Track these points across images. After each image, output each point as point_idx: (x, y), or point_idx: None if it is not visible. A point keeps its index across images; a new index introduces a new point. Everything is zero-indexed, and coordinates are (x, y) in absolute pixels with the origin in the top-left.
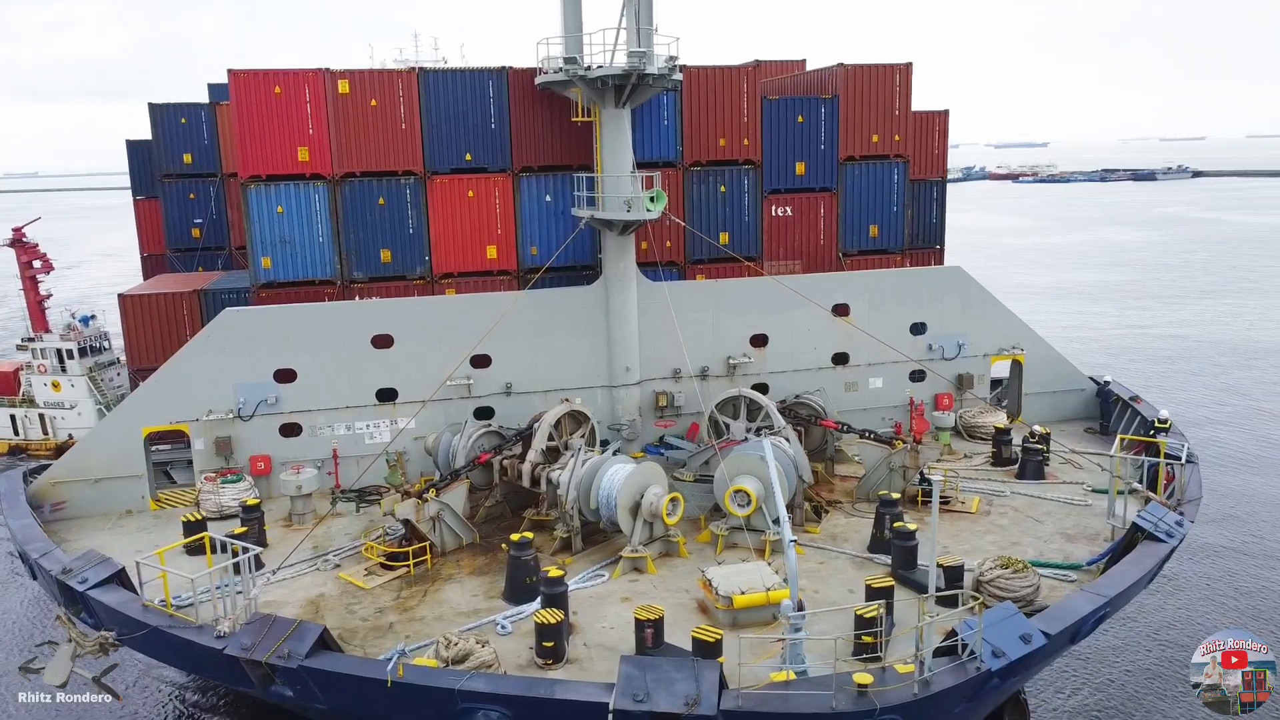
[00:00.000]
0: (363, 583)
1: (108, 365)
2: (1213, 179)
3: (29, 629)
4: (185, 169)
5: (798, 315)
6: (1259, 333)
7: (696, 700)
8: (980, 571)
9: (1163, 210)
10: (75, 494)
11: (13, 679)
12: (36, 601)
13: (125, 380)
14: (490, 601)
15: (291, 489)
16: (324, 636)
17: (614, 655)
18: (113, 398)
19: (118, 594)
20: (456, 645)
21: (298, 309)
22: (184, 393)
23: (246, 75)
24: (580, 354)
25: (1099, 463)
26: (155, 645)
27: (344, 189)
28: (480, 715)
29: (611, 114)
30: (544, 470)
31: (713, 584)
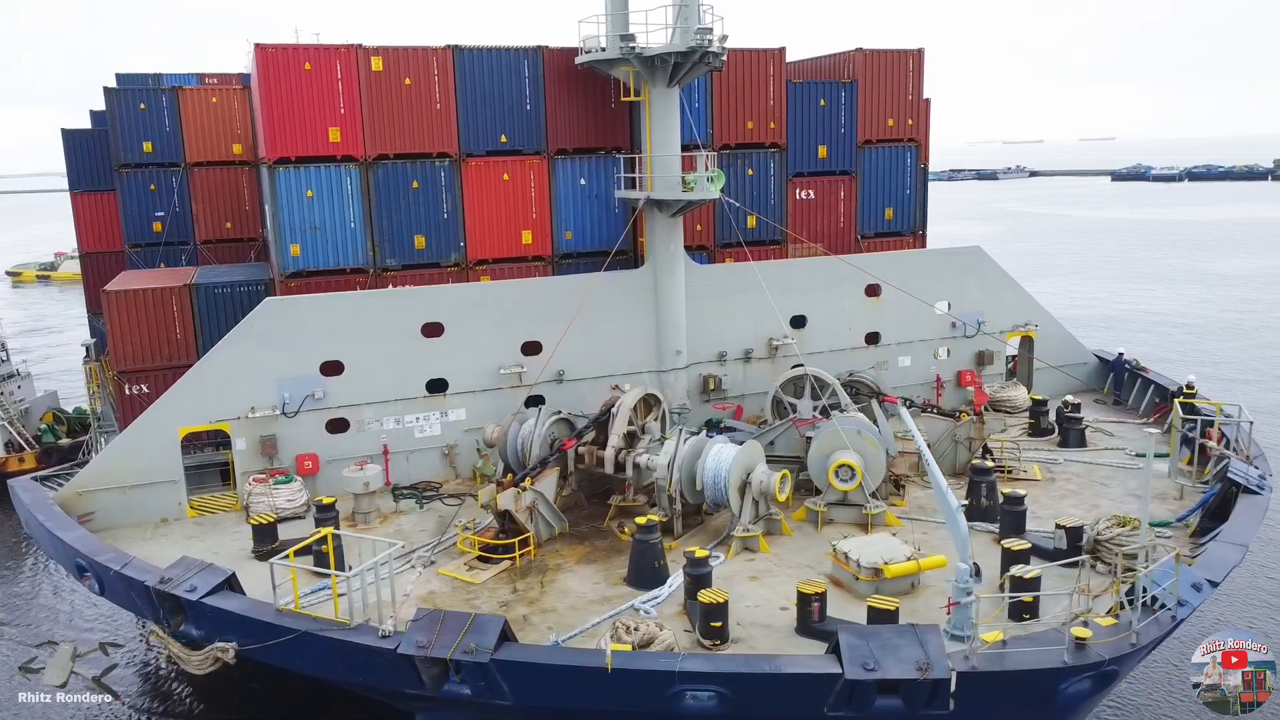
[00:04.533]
0: (470, 577)
1: (6, 379)
2: (1047, 178)
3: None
4: (145, 158)
5: (832, 296)
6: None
7: (928, 664)
8: (1098, 530)
9: (1002, 206)
10: (105, 503)
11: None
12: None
13: (31, 393)
14: (614, 588)
15: (358, 486)
16: (506, 629)
17: (773, 632)
18: (15, 413)
19: (238, 600)
20: (638, 630)
21: (345, 297)
22: (223, 389)
23: (274, 50)
24: (629, 339)
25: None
26: (297, 652)
27: (376, 172)
28: (689, 697)
29: (662, 93)
30: (629, 455)
31: (850, 557)
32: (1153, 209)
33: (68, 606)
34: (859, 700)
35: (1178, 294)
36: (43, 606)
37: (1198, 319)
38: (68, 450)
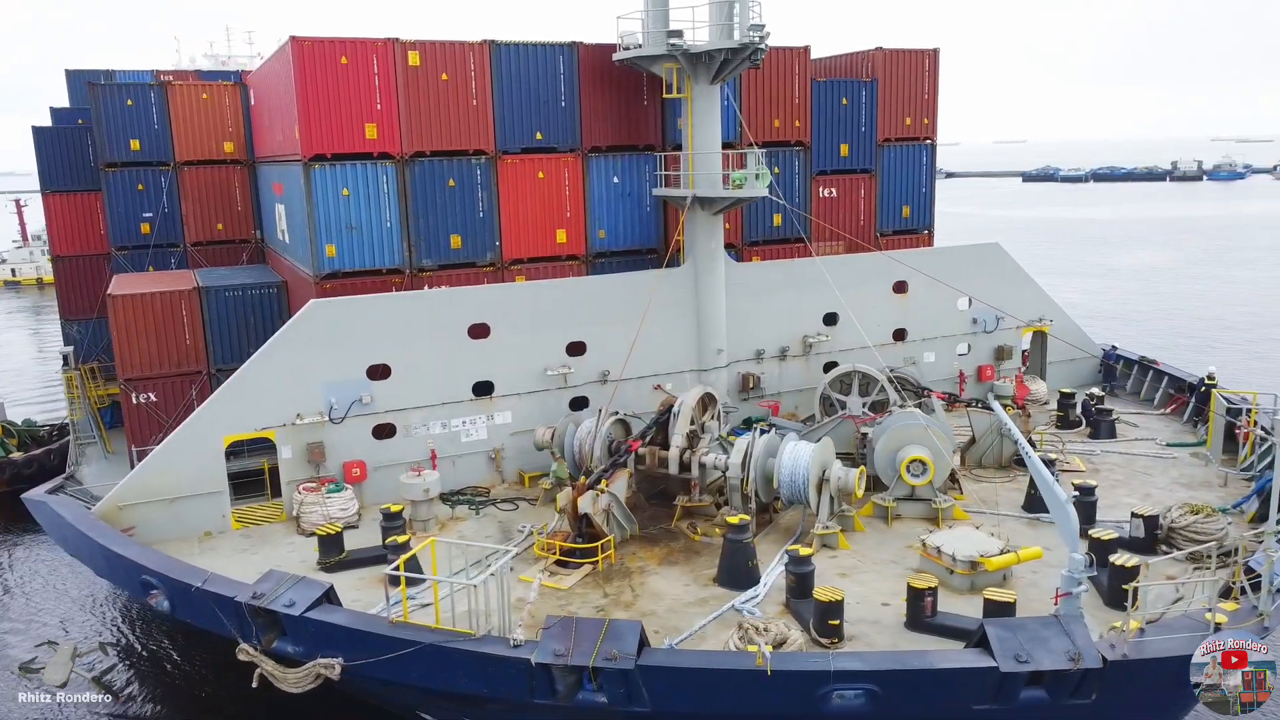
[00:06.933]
0: (556, 583)
1: None
2: (963, 179)
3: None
4: (132, 156)
5: (861, 293)
6: None
7: (1079, 655)
8: (1172, 519)
9: None
10: (146, 517)
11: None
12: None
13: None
14: (706, 589)
15: (417, 493)
16: (643, 634)
17: (883, 629)
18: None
19: (344, 614)
20: (769, 630)
21: (393, 298)
22: (267, 396)
23: (311, 43)
24: (671, 338)
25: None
26: (414, 665)
27: (413, 169)
28: (836, 696)
29: (704, 90)
30: (693, 455)
31: (942, 551)
32: (1061, 208)
33: (68, 606)
34: (1007, 693)
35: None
36: (43, 606)
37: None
38: (20, 464)
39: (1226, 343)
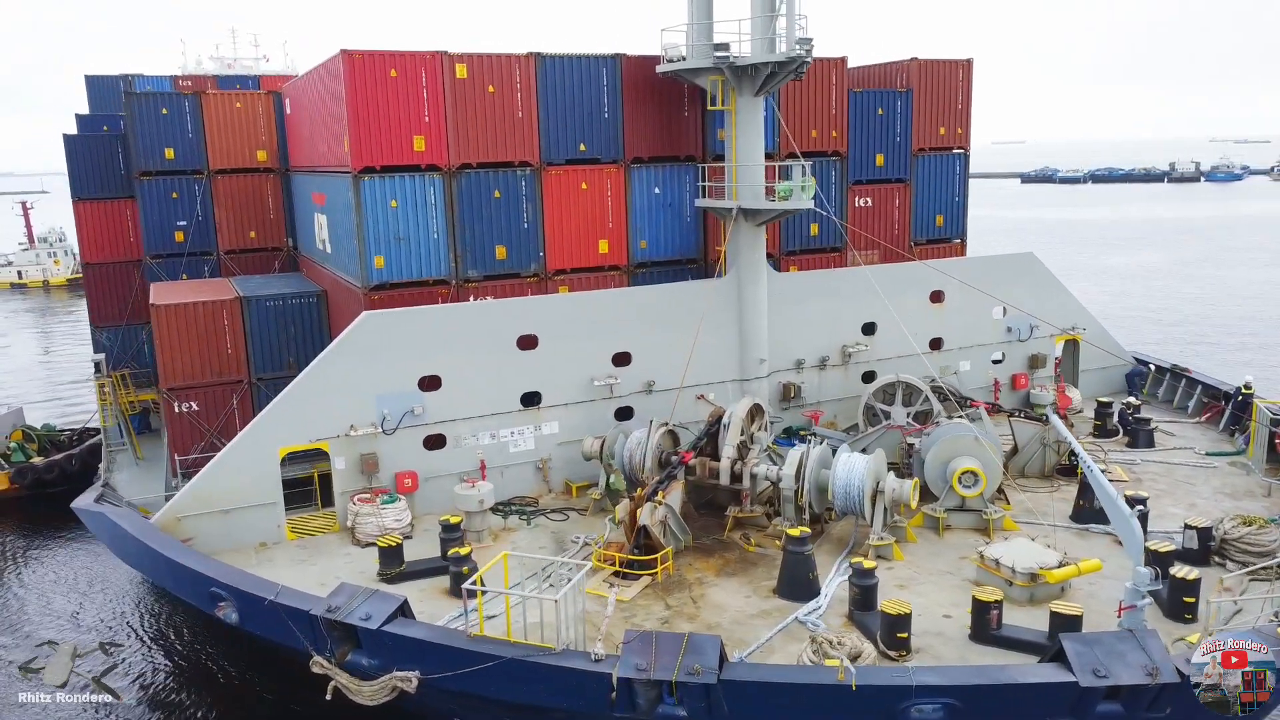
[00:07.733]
0: (621, 596)
1: None
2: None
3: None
4: (166, 165)
5: (900, 303)
6: None
7: (1157, 669)
8: (1225, 530)
9: None
10: (203, 528)
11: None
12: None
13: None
14: (766, 600)
15: (472, 504)
16: (722, 649)
17: (946, 641)
18: None
19: (423, 628)
20: (843, 644)
21: (445, 310)
22: (321, 407)
23: (362, 56)
24: (714, 348)
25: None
26: (493, 679)
27: (460, 181)
28: (914, 711)
29: (749, 102)
30: (744, 466)
31: (1001, 563)
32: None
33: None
34: (1084, 708)
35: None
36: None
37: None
38: (42, 469)
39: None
